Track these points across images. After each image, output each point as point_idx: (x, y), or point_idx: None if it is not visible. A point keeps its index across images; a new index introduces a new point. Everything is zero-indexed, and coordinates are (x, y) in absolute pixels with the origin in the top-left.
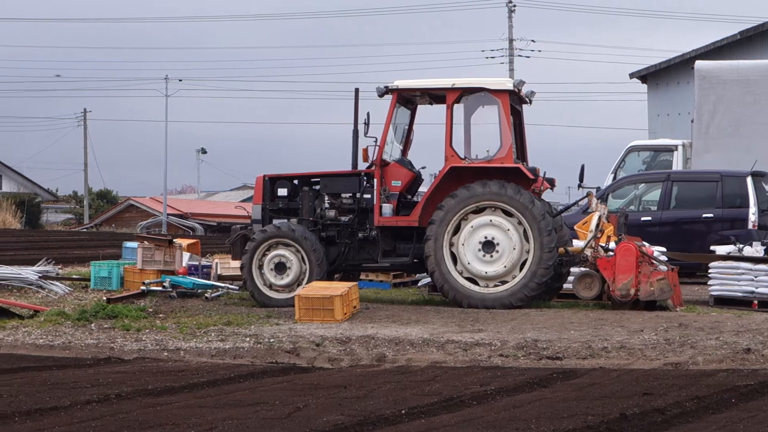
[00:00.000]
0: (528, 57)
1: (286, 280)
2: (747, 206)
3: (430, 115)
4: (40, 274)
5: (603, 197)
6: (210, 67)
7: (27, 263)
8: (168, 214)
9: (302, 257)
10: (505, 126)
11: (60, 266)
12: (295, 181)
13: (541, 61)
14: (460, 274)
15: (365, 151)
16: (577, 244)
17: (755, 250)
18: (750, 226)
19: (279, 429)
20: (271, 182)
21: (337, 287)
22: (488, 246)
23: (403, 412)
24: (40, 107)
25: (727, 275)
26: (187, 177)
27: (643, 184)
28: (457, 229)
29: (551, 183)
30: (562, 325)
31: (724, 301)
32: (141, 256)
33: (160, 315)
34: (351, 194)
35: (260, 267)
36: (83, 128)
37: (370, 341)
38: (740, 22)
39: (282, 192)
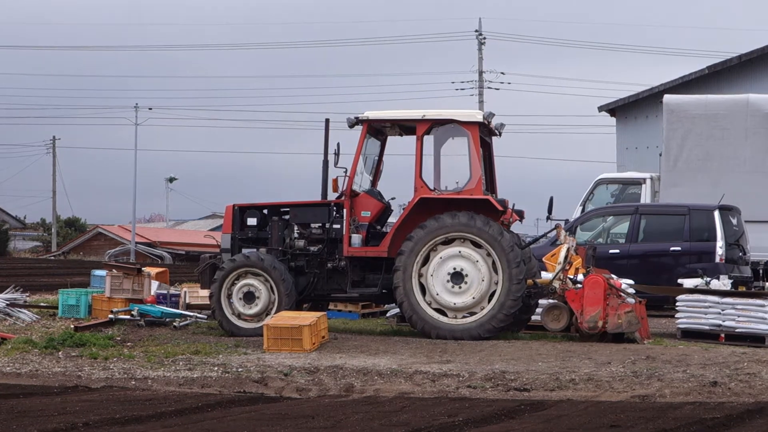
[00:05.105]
0: (498, 89)
1: (254, 309)
2: (714, 240)
3: (399, 146)
4: (7, 302)
5: (571, 229)
6: (180, 95)
7: None
8: (136, 243)
9: (271, 287)
10: (475, 158)
11: (27, 294)
12: (265, 211)
13: (510, 94)
14: (429, 305)
15: (335, 181)
16: (546, 276)
17: (722, 283)
18: (717, 259)
19: None
20: (241, 211)
21: (306, 317)
22: (457, 277)
23: None
24: (9, 134)
25: (695, 308)
26: (156, 205)
27: (612, 217)
28: (426, 260)
29: (520, 215)
30: (530, 357)
31: (691, 334)
32: (109, 284)
33: (128, 343)
34: (320, 224)
35: (229, 296)
36: (52, 156)
37: (338, 371)
38: (708, 57)
39: (251, 221)
